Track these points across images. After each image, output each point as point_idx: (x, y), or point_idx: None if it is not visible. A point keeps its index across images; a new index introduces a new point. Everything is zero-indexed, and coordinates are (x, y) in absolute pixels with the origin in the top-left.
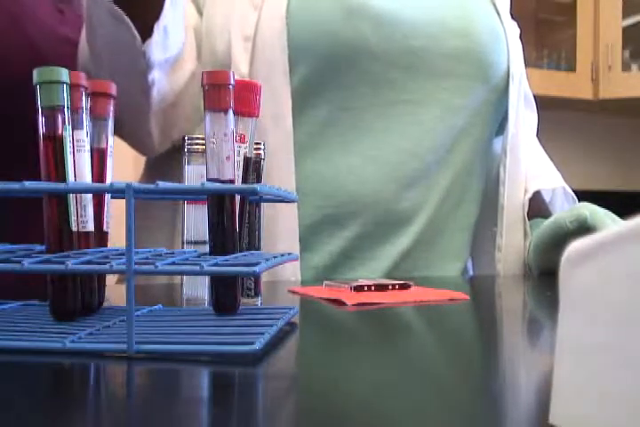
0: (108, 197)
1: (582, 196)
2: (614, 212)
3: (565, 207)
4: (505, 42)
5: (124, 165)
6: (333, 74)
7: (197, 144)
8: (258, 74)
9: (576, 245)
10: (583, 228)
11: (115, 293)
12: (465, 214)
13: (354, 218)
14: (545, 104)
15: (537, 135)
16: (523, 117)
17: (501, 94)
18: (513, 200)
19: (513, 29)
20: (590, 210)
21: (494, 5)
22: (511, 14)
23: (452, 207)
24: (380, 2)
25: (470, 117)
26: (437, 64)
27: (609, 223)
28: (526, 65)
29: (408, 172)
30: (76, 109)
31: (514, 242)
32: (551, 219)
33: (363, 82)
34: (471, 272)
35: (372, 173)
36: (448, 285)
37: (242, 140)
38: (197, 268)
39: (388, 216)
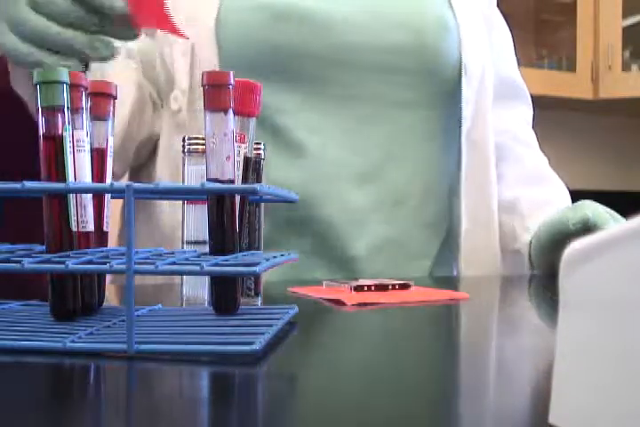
0: (107, 197)
1: (582, 196)
2: (614, 212)
3: None
4: (456, 33)
5: None
6: (265, 78)
7: (197, 144)
8: (197, 85)
9: (576, 245)
10: (586, 228)
11: (114, 293)
12: (430, 213)
13: (310, 218)
14: (545, 104)
15: (537, 135)
16: (489, 111)
17: (456, 87)
18: (474, 199)
19: (473, 18)
20: (593, 210)
21: None
22: (510, 14)
23: (416, 205)
24: (309, 2)
25: (421, 112)
26: (378, 59)
27: (612, 224)
28: (526, 65)
29: (355, 169)
30: (76, 109)
31: (480, 243)
32: (554, 218)
33: (297, 83)
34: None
35: (318, 171)
36: (447, 285)
37: (242, 140)
38: (197, 268)
39: (343, 216)
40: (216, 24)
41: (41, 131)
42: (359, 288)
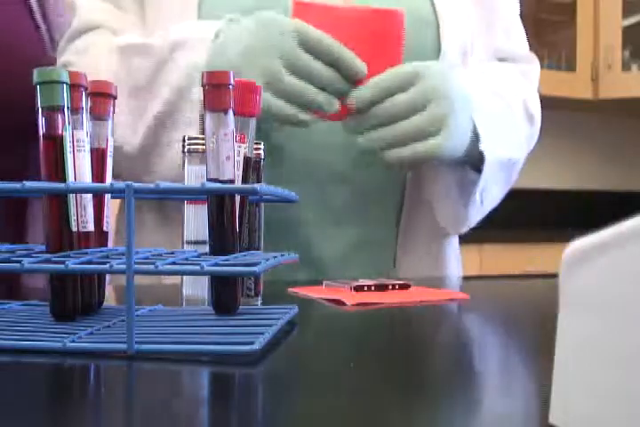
0: (108, 197)
1: (582, 196)
2: (613, 212)
3: None
4: (435, 25)
5: None
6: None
7: (197, 144)
8: None
9: (576, 245)
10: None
11: (115, 293)
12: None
13: (288, 219)
14: (545, 104)
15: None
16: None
17: None
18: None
19: (455, 8)
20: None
21: None
22: None
23: (394, 205)
24: None
25: None
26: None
27: (413, 66)
28: None
29: (332, 168)
30: (76, 109)
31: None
32: None
33: None
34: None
35: (294, 172)
36: (446, 285)
37: (242, 140)
38: (197, 268)
39: (320, 216)
40: (199, 15)
41: (41, 131)
42: (359, 288)
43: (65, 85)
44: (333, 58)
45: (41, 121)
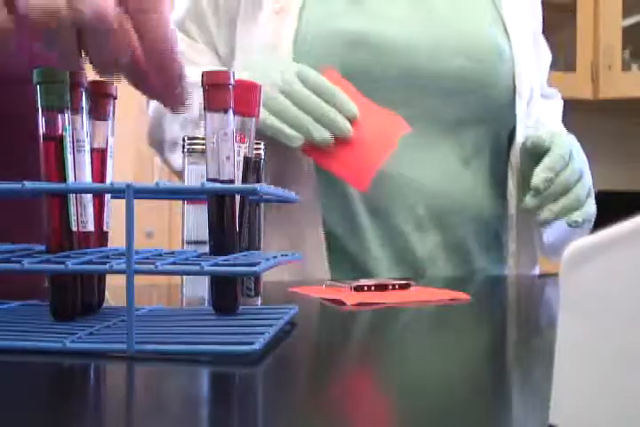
0: (108, 197)
1: None
2: (614, 212)
3: None
4: (510, 57)
5: (124, 165)
6: None
7: (197, 144)
8: None
9: (576, 245)
10: (541, 149)
11: (115, 293)
12: (485, 220)
13: (380, 226)
14: None
15: None
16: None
17: (508, 108)
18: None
19: (524, 41)
20: (550, 134)
21: (502, 19)
22: None
23: (473, 215)
24: (378, 30)
25: (476, 132)
26: (437, 83)
27: (565, 146)
28: None
29: (418, 183)
30: (75, 109)
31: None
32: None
33: None
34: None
35: (385, 185)
36: (448, 285)
37: (242, 140)
38: (197, 268)
39: (410, 224)
40: (294, 50)
41: (41, 131)
42: (359, 288)
43: (65, 85)
44: (329, 95)
45: (41, 121)
